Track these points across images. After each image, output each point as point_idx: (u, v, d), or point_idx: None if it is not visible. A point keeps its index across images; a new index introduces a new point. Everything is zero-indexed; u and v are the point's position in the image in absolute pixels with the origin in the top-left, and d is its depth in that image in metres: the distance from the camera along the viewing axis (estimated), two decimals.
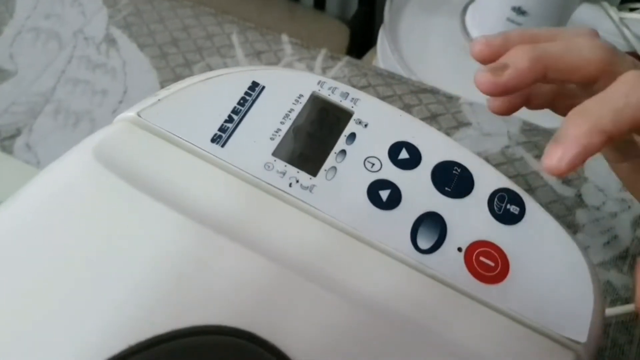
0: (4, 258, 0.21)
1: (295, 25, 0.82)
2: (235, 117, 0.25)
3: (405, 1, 0.67)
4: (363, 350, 0.21)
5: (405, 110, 0.37)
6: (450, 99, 0.42)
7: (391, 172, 0.25)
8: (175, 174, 0.23)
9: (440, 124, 0.41)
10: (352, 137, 0.26)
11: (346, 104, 0.27)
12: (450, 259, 0.23)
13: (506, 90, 0.23)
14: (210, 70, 0.27)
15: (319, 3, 0.87)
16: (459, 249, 0.23)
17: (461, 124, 0.41)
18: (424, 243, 0.23)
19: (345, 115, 0.26)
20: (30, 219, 0.22)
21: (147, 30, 0.44)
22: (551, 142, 0.21)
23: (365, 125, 0.26)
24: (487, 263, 0.23)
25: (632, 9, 0.67)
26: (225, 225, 0.22)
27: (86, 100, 0.40)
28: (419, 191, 0.24)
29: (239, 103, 0.26)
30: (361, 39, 0.84)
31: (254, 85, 0.26)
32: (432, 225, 0.24)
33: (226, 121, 0.25)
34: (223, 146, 0.24)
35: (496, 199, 0.25)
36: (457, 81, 0.50)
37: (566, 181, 0.39)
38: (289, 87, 0.27)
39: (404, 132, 0.26)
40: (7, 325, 0.19)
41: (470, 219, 0.24)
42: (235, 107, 0.25)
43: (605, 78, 0.22)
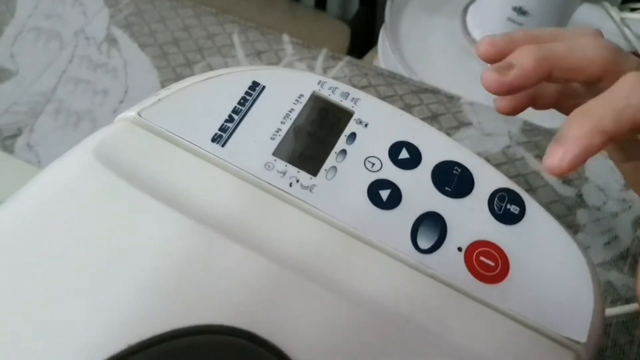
0: (4, 258, 0.21)
1: (296, 25, 0.82)
2: (235, 116, 0.25)
3: (406, 1, 0.67)
4: (363, 350, 0.21)
5: (406, 110, 0.37)
6: (451, 98, 0.42)
7: (391, 172, 0.25)
8: (175, 174, 0.23)
9: (441, 123, 0.41)
10: (353, 137, 0.26)
11: (346, 103, 0.27)
12: (450, 258, 0.23)
13: (512, 89, 0.23)
14: (211, 70, 0.27)
15: (320, 3, 0.87)
16: (459, 249, 0.23)
17: (462, 124, 0.41)
18: (424, 243, 0.23)
19: (346, 115, 0.26)
20: (30, 218, 0.22)
21: (148, 30, 0.44)
22: (552, 142, 0.21)
23: (366, 125, 0.26)
24: (487, 263, 0.23)
25: (633, 9, 0.67)
26: (225, 224, 0.22)
27: (87, 100, 0.40)
28: (419, 191, 0.24)
29: (239, 103, 0.26)
30: (362, 39, 0.84)
31: (254, 85, 0.26)
32: (432, 225, 0.24)
33: (227, 121, 0.25)
34: (223, 146, 0.24)
35: (496, 198, 0.25)
36: (458, 81, 0.50)
37: (567, 181, 0.39)
38: (290, 87, 0.27)
39: (404, 132, 0.26)
40: (7, 325, 0.20)
41: (470, 219, 0.24)
42: (235, 106, 0.25)
43: (609, 77, 0.22)
